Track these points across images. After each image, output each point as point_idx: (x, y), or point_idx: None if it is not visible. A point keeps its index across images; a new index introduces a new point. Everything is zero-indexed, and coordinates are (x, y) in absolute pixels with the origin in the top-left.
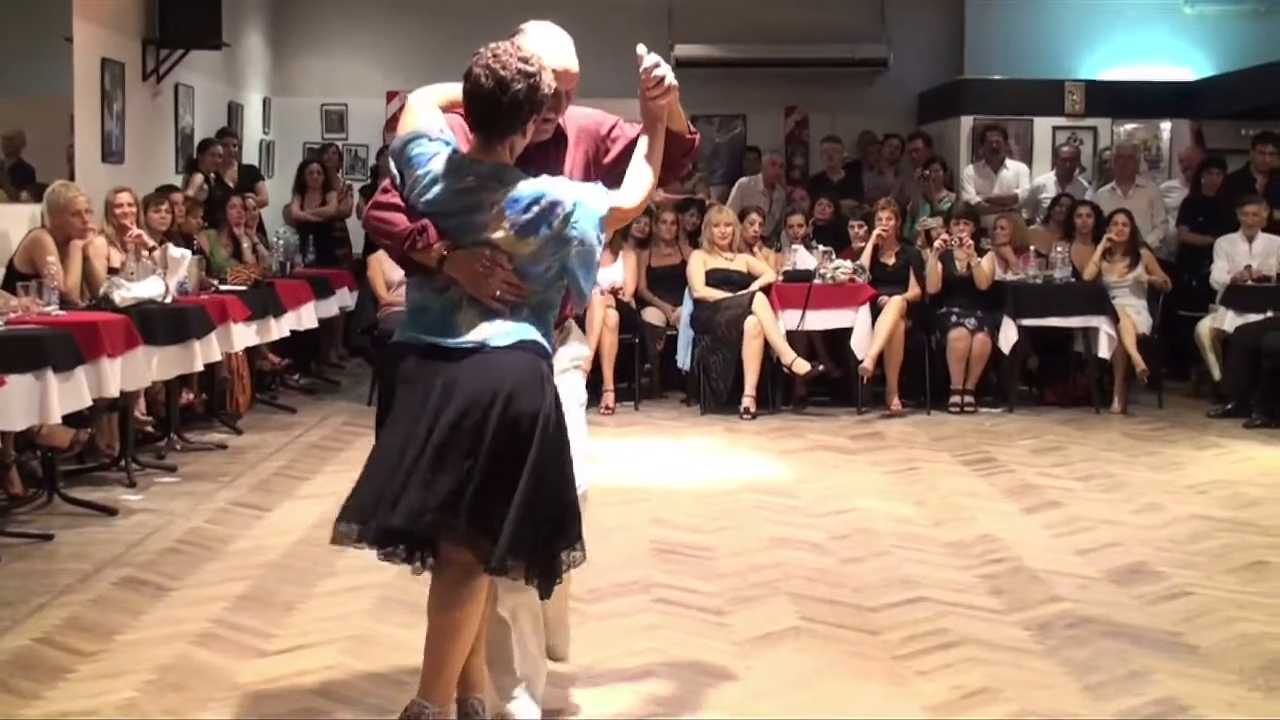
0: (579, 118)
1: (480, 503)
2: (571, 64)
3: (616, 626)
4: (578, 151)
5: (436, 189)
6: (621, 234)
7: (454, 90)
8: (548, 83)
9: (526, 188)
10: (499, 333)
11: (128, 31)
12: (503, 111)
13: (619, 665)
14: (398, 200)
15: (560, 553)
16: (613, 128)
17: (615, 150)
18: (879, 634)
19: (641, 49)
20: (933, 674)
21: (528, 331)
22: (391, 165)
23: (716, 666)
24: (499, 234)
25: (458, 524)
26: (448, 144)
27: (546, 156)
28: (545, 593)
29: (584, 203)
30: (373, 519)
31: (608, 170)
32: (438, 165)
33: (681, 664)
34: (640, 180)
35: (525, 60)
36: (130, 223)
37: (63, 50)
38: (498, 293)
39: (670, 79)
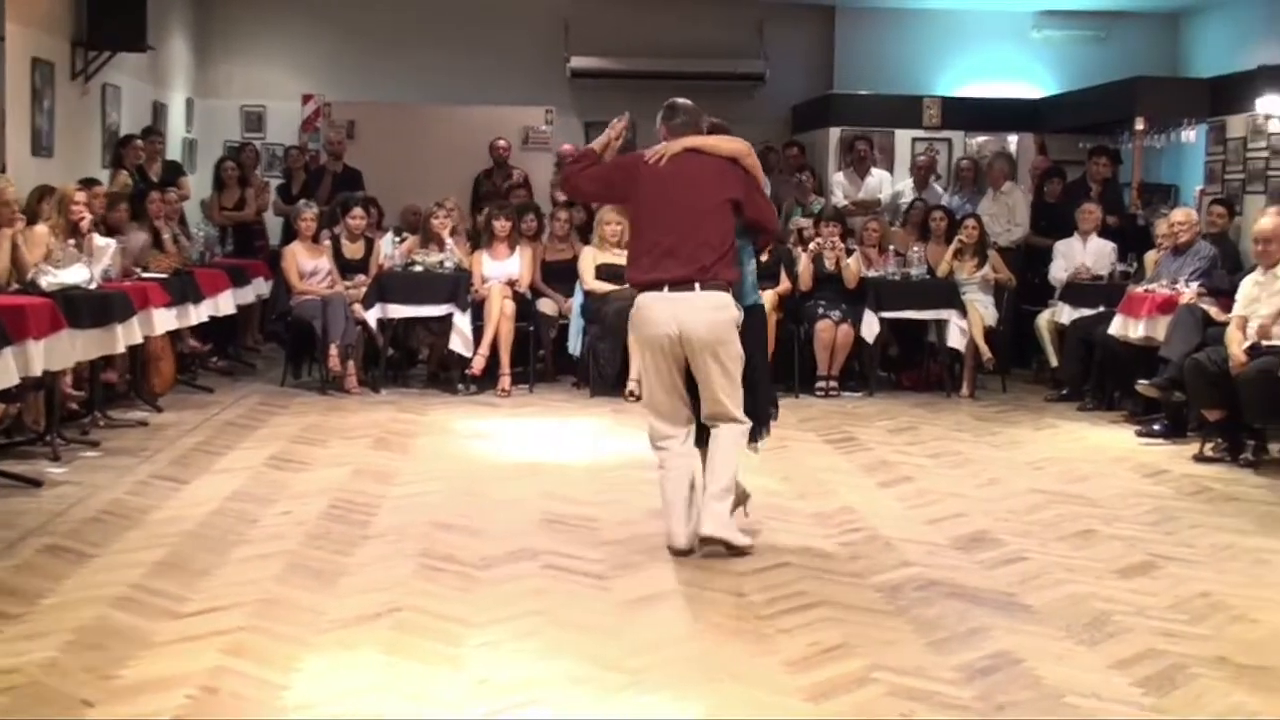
0: None
1: None
2: None
3: (507, 590)
4: None
5: None
6: (517, 230)
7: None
8: None
9: None
10: None
11: (57, 33)
12: None
13: (508, 625)
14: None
15: None
16: None
17: None
18: (746, 596)
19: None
20: (794, 632)
21: None
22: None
23: (598, 626)
24: None
25: None
26: None
27: None
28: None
29: None
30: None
31: None
32: None
33: (566, 623)
34: None
35: None
36: (85, 220)
37: None
38: None
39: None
